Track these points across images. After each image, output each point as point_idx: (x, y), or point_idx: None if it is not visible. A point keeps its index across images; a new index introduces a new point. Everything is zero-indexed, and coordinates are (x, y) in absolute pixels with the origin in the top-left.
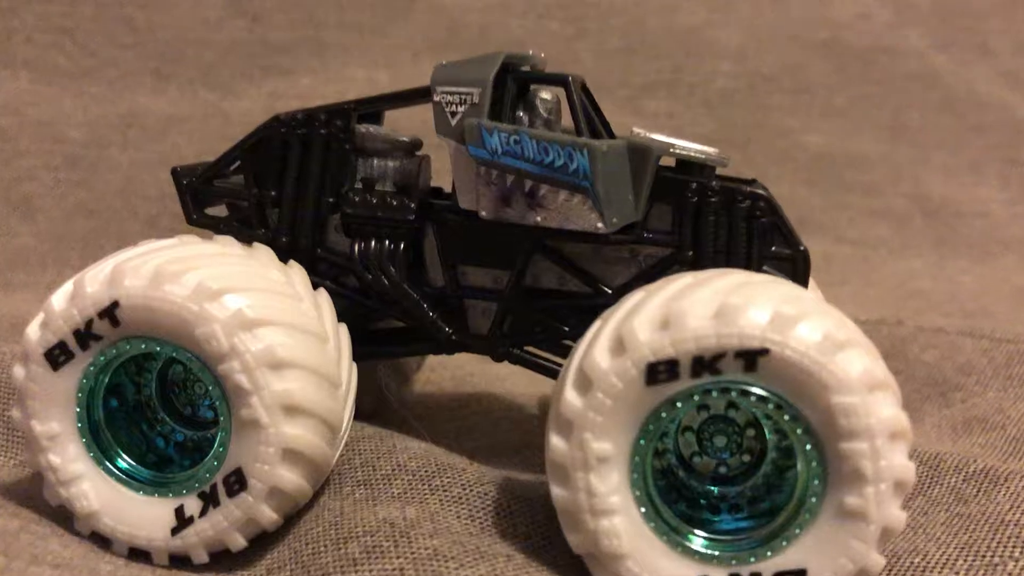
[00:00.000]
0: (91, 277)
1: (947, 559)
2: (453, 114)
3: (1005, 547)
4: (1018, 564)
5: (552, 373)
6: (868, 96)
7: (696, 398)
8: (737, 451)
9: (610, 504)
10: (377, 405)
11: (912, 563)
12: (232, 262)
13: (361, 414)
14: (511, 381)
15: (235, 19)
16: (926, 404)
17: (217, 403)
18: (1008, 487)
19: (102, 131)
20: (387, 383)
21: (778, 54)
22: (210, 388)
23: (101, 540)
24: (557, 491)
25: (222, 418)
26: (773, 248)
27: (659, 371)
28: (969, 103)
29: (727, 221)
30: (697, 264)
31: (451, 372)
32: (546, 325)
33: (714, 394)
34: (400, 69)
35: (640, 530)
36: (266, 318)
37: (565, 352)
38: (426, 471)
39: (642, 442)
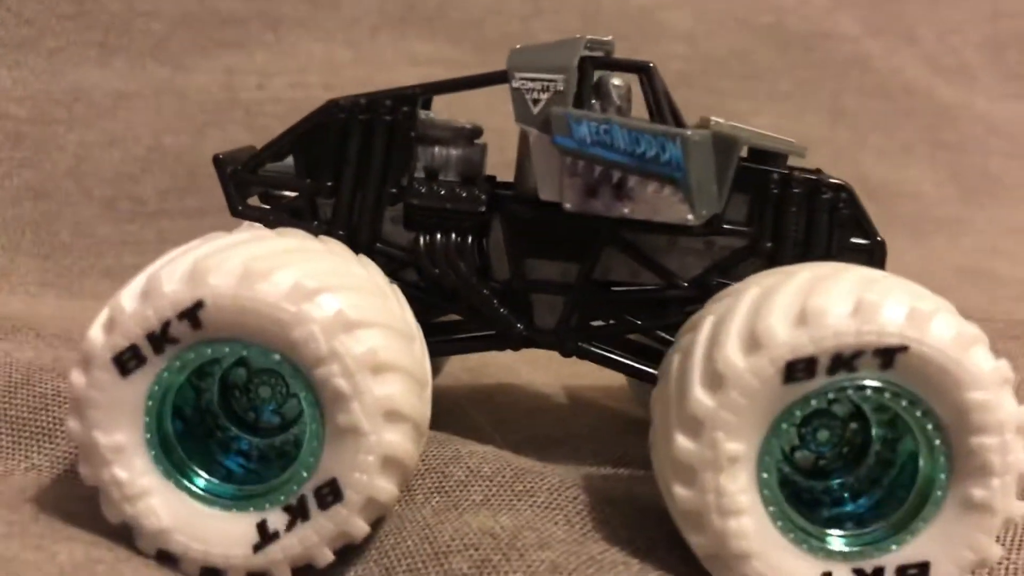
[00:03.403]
0: (167, 274)
1: None
2: (535, 102)
3: None
4: None
5: (622, 368)
6: (810, 80)
7: (830, 395)
8: (838, 444)
9: (739, 504)
10: None
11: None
12: (319, 259)
13: None
14: (524, 372)
15: None
16: None
17: (307, 409)
18: None
19: (45, 107)
20: None
21: (727, 38)
22: (302, 394)
23: (168, 559)
24: (682, 492)
25: (314, 425)
26: (851, 239)
27: (797, 369)
28: (899, 88)
29: (808, 212)
30: (776, 255)
31: (462, 363)
32: (618, 318)
33: (849, 391)
34: (359, 45)
35: (767, 529)
36: (365, 319)
37: (628, 347)
38: (503, 476)
39: (773, 441)
